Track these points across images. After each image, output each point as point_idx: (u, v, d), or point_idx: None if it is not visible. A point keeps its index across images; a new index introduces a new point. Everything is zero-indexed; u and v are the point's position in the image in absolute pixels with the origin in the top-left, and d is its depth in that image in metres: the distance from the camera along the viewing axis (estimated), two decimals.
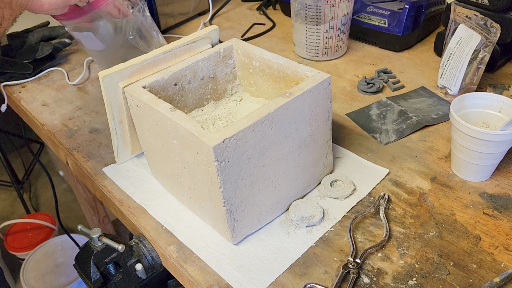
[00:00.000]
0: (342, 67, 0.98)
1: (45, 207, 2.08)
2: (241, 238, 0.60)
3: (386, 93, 0.88)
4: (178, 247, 0.61)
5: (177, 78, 0.66)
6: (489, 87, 0.85)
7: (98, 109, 0.91)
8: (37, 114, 0.91)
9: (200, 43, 0.70)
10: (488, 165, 0.65)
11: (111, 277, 0.65)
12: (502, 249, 0.57)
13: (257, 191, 0.58)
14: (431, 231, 0.60)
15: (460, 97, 0.66)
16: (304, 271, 0.56)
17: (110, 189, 0.71)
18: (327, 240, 0.60)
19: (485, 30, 0.76)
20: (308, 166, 0.64)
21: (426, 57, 0.99)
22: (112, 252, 0.64)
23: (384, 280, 0.54)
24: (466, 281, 0.53)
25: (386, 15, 0.99)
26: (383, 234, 0.60)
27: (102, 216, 1.61)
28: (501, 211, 0.62)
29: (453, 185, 0.66)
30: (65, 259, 1.59)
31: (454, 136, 0.65)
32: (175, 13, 1.20)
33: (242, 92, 0.76)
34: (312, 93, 0.58)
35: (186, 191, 0.63)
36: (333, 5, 0.91)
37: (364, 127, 0.79)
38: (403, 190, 0.66)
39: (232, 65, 0.73)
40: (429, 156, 0.72)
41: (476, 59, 0.79)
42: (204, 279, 0.56)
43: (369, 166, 0.70)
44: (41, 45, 1.06)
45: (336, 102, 0.86)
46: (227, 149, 0.51)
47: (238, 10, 1.30)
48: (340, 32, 0.96)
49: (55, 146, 0.86)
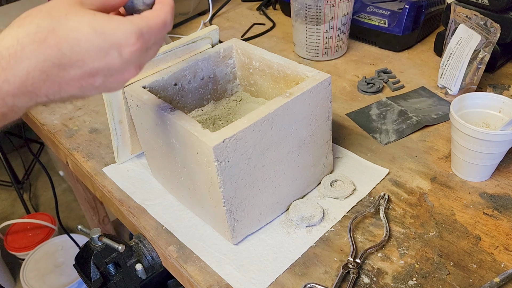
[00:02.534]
0: (342, 67, 0.98)
1: (45, 207, 2.08)
2: (241, 238, 0.60)
3: (386, 93, 0.88)
4: (178, 247, 0.61)
5: (177, 78, 0.66)
6: (489, 87, 0.85)
7: (98, 109, 0.91)
8: (37, 114, 0.91)
9: (200, 43, 0.70)
10: (488, 165, 0.65)
11: (111, 277, 0.65)
12: (502, 249, 0.57)
13: (257, 191, 0.58)
14: (431, 231, 0.60)
15: (460, 97, 0.66)
16: (304, 271, 0.56)
17: (110, 189, 0.71)
18: (327, 240, 0.60)
19: (485, 30, 0.76)
20: (308, 166, 0.64)
21: (426, 57, 0.99)
22: (112, 252, 0.64)
23: (384, 280, 0.54)
24: (466, 281, 0.53)
25: (386, 15, 0.99)
26: (383, 234, 0.60)
27: (102, 216, 1.61)
28: (501, 211, 0.62)
29: (453, 185, 0.66)
30: (65, 259, 1.59)
31: (454, 136, 0.65)
32: (175, 13, 1.19)
33: (242, 92, 0.76)
34: (312, 93, 0.58)
35: (186, 191, 0.63)
36: (333, 5, 0.91)
37: (364, 127, 0.79)
38: (403, 190, 0.66)
39: (232, 65, 0.73)
40: (429, 156, 0.72)
41: (476, 59, 0.79)
42: (204, 279, 0.56)
43: (369, 166, 0.70)
44: None
45: (336, 102, 0.86)
46: (227, 149, 0.51)
47: (238, 10, 1.30)
48: (340, 32, 0.96)
49: (55, 146, 0.86)
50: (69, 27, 0.37)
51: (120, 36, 0.39)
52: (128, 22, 0.39)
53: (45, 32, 0.37)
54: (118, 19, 0.39)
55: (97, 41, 0.38)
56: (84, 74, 0.39)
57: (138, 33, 0.40)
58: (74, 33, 0.37)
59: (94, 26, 0.38)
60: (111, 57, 0.39)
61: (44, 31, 0.37)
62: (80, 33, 0.38)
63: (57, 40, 0.37)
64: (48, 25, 0.37)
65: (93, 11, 0.39)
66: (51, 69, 0.38)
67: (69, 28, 0.37)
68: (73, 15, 0.38)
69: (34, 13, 0.38)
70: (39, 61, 0.37)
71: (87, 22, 0.38)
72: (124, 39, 0.39)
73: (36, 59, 0.37)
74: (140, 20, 0.40)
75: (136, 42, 0.39)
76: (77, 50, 0.38)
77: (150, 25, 0.41)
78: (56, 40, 0.37)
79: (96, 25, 0.38)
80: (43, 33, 0.37)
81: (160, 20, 0.42)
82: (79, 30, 0.38)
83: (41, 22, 0.37)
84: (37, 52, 0.37)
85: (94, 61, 0.39)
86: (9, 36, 0.37)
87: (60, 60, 0.38)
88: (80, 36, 0.37)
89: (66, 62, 0.38)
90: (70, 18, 0.38)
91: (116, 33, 0.39)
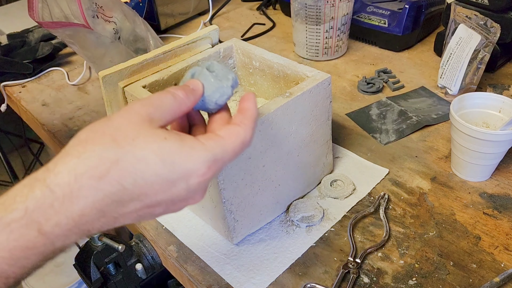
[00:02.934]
0: (342, 67, 0.98)
1: None
2: (241, 238, 0.60)
3: (386, 93, 0.88)
4: (178, 247, 0.61)
5: (177, 78, 0.66)
6: (489, 87, 0.85)
7: (98, 109, 0.91)
8: (37, 114, 0.91)
9: (200, 43, 0.70)
10: (488, 165, 0.65)
11: (111, 277, 0.65)
12: (502, 249, 0.57)
13: (257, 191, 0.58)
14: (431, 231, 0.60)
15: (460, 97, 0.66)
16: (304, 271, 0.56)
17: None
18: (327, 240, 0.60)
19: (485, 30, 0.76)
20: (308, 166, 0.64)
21: (426, 57, 0.99)
22: (112, 252, 0.64)
23: (384, 280, 0.54)
24: (466, 281, 0.53)
25: (386, 15, 0.99)
26: (383, 234, 0.60)
27: None
28: (501, 211, 0.62)
29: (453, 185, 0.66)
30: (65, 259, 1.58)
31: (454, 136, 0.65)
32: (175, 13, 1.20)
33: (242, 92, 0.76)
34: (312, 93, 0.58)
35: None
36: (333, 5, 0.91)
37: (364, 127, 0.79)
38: (403, 190, 0.66)
39: (232, 65, 0.73)
40: (429, 156, 0.72)
41: (476, 59, 0.79)
42: (204, 279, 0.56)
43: (369, 166, 0.70)
44: (41, 45, 1.06)
45: (336, 102, 0.86)
46: None
47: (238, 10, 1.30)
48: (340, 32, 0.96)
49: (55, 146, 0.86)
50: (135, 157, 0.32)
51: (191, 167, 0.34)
52: (201, 149, 0.34)
53: (107, 165, 0.32)
54: (191, 145, 0.34)
55: (164, 173, 0.33)
56: (144, 206, 0.34)
57: (211, 161, 0.34)
58: (140, 164, 0.32)
59: (163, 156, 0.33)
60: (177, 188, 0.34)
61: (106, 164, 0.32)
62: (147, 165, 0.33)
63: (120, 173, 0.32)
64: (111, 156, 0.32)
65: (163, 134, 0.34)
66: (109, 206, 0.33)
67: (135, 158, 0.32)
68: (141, 141, 0.33)
69: (97, 138, 0.33)
70: (97, 200, 0.32)
71: (155, 150, 0.33)
72: (195, 169, 0.34)
73: (94, 197, 0.32)
74: (215, 144, 0.35)
75: (207, 171, 0.35)
76: (141, 183, 0.33)
77: (226, 148, 0.36)
78: (119, 173, 0.32)
79: (165, 154, 0.33)
80: (105, 166, 0.32)
81: (239, 141, 0.36)
82: (146, 160, 0.33)
83: (104, 153, 0.32)
84: (96, 189, 0.32)
85: (158, 194, 0.34)
86: (65, 170, 0.32)
87: (120, 196, 0.33)
88: (146, 168, 0.33)
89: (127, 197, 0.33)
90: (137, 146, 0.33)
91: (187, 163, 0.34)
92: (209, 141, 0.35)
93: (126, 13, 0.87)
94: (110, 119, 0.34)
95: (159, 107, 0.35)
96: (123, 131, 0.33)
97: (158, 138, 0.33)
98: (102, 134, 0.33)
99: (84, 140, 0.33)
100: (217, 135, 0.36)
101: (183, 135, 0.35)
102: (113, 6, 0.86)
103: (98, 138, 0.33)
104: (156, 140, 0.33)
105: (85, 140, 0.33)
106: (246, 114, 0.38)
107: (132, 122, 0.34)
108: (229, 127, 0.37)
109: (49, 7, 0.82)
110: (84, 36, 0.84)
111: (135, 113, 0.34)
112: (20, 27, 1.20)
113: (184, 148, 0.34)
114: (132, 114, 0.34)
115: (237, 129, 0.37)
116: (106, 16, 0.85)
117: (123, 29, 0.87)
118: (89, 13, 0.82)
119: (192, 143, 0.34)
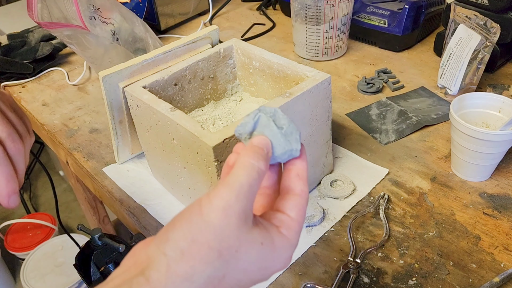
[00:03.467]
0: (342, 67, 0.98)
1: (45, 207, 2.08)
2: None
3: (386, 93, 0.88)
4: None
5: (177, 78, 0.66)
6: (489, 87, 0.85)
7: (98, 109, 0.91)
8: (37, 114, 0.91)
9: (200, 43, 0.70)
10: (488, 165, 0.65)
11: None
12: (501, 249, 0.57)
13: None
14: (431, 231, 0.60)
15: (460, 97, 0.66)
16: (304, 271, 0.56)
17: (110, 189, 0.71)
18: (327, 240, 0.60)
19: (485, 30, 0.76)
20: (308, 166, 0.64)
21: (426, 57, 0.99)
22: (112, 252, 0.64)
23: (384, 280, 0.54)
24: (466, 281, 0.53)
25: (386, 15, 0.99)
26: (383, 234, 0.60)
27: (102, 216, 1.61)
28: (501, 211, 0.62)
29: (453, 185, 0.66)
30: (65, 259, 1.59)
31: (454, 136, 0.65)
32: (175, 13, 1.20)
33: (242, 92, 0.76)
34: (312, 93, 0.59)
35: (186, 191, 0.63)
36: (333, 5, 0.91)
37: (364, 127, 0.79)
38: (403, 190, 0.66)
39: (232, 65, 0.73)
40: (429, 156, 0.72)
41: (476, 59, 0.79)
42: None
43: (369, 166, 0.71)
44: (41, 45, 1.06)
45: (336, 102, 0.86)
46: (227, 149, 0.51)
47: (238, 10, 1.30)
48: (340, 32, 0.97)
49: (55, 146, 0.86)
50: (238, 270, 0.32)
51: (281, 266, 0.35)
52: (288, 247, 0.35)
53: (215, 283, 0.31)
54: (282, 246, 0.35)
55: (257, 277, 0.34)
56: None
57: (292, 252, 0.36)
58: (240, 275, 0.32)
59: (260, 264, 0.33)
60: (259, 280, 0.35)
61: (214, 283, 0.31)
62: (246, 275, 0.33)
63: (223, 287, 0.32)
64: (220, 275, 0.31)
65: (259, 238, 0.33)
66: None
67: (238, 271, 0.32)
68: (243, 251, 0.32)
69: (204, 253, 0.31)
70: None
71: (254, 261, 0.33)
72: (281, 267, 0.35)
73: None
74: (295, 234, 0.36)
75: (288, 263, 0.36)
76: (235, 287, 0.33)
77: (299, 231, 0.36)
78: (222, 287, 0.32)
79: (262, 262, 0.33)
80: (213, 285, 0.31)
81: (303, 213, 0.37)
82: (246, 271, 0.33)
83: (214, 273, 0.31)
84: None
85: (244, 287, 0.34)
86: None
87: None
88: (244, 277, 0.33)
89: None
90: (240, 258, 0.32)
91: (278, 265, 0.35)
92: (290, 232, 0.35)
93: (124, 14, 0.87)
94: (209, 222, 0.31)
95: (249, 194, 0.33)
96: (226, 241, 0.32)
97: (255, 245, 0.33)
98: (208, 249, 0.31)
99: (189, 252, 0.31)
100: (291, 219, 0.36)
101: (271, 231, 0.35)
102: (111, 7, 0.86)
103: (205, 253, 0.31)
104: (254, 247, 0.33)
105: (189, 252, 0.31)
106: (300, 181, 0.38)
107: (231, 225, 0.32)
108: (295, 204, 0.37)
109: (48, 8, 0.82)
110: (83, 37, 0.84)
111: (233, 213, 0.32)
112: (20, 27, 1.20)
113: (277, 252, 0.34)
114: (231, 214, 0.32)
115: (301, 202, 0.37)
116: (104, 18, 0.85)
117: (121, 30, 0.87)
118: (86, 15, 0.82)
119: (281, 242, 0.35)
